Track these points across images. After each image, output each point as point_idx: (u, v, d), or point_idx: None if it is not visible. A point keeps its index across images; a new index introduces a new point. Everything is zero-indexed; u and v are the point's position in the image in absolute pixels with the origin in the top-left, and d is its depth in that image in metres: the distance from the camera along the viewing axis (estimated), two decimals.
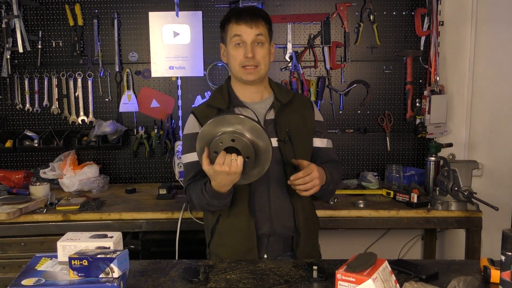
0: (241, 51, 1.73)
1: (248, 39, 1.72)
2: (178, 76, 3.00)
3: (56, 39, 2.96)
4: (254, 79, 1.76)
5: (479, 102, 3.04)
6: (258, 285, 1.42)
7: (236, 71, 1.77)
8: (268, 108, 1.81)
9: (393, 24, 2.99)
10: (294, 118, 1.82)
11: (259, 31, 1.73)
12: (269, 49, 1.79)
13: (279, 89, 1.87)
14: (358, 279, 1.20)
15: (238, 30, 1.72)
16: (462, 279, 1.32)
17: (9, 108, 3.00)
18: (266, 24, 1.77)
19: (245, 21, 1.72)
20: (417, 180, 2.86)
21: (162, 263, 1.60)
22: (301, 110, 1.86)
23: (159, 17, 2.94)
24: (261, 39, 1.73)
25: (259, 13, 1.76)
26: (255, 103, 1.82)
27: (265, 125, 1.76)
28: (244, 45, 1.73)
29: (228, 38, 1.76)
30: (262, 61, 1.75)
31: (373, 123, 3.07)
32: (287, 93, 1.86)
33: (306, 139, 1.85)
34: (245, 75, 1.75)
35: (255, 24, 1.72)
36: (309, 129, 1.86)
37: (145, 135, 3.00)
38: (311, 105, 1.91)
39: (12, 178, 2.75)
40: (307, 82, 2.98)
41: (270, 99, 1.84)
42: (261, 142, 1.54)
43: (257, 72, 1.75)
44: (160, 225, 2.42)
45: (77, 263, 1.29)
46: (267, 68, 1.79)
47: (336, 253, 2.24)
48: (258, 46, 1.74)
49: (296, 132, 1.80)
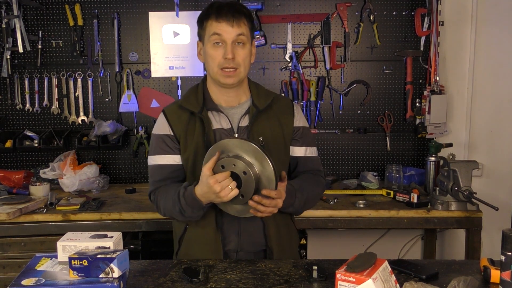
0: (220, 51, 1.59)
1: (229, 39, 1.58)
2: (178, 76, 3.00)
3: (56, 39, 2.96)
4: (233, 82, 1.63)
5: (479, 102, 3.04)
6: (258, 285, 1.42)
7: (213, 72, 1.63)
8: (243, 114, 1.68)
9: (393, 24, 2.99)
10: (270, 125, 1.69)
11: (241, 30, 1.59)
12: (250, 50, 1.65)
13: (258, 92, 1.73)
14: (358, 279, 1.20)
15: (218, 28, 1.58)
16: (462, 279, 1.32)
17: (9, 108, 3.00)
18: (249, 23, 1.63)
19: (226, 19, 1.57)
20: (417, 180, 2.86)
21: (162, 263, 1.59)
22: (279, 115, 1.72)
23: (159, 17, 2.94)
24: (242, 39, 1.60)
25: (241, 10, 1.61)
26: (231, 108, 1.69)
27: (238, 133, 1.66)
28: (223, 44, 1.59)
29: (207, 36, 1.61)
30: (242, 63, 1.61)
31: (373, 123, 3.07)
32: (266, 97, 1.72)
33: (281, 148, 1.70)
34: (223, 78, 1.61)
35: (236, 23, 1.58)
36: (286, 137, 1.72)
37: (145, 135, 3.00)
38: (291, 109, 1.76)
39: (12, 178, 2.75)
40: (307, 82, 2.98)
41: (247, 103, 1.71)
42: (264, 191, 1.47)
43: (236, 75, 1.61)
44: (160, 225, 2.41)
45: (77, 263, 1.29)
46: (247, 71, 1.67)
47: (336, 253, 2.24)
48: (239, 46, 1.60)
49: (271, 141, 1.66)
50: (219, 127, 1.66)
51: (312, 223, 2.44)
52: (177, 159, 1.69)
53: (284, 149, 1.72)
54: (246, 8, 1.66)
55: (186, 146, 1.67)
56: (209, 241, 1.66)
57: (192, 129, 1.67)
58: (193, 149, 1.65)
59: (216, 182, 1.44)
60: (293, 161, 1.76)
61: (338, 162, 3.09)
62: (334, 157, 3.08)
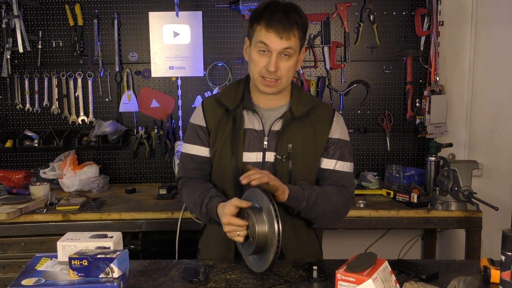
0: (264, 59, 1.54)
1: (275, 50, 1.52)
2: (178, 76, 3.00)
3: (56, 39, 2.96)
4: (271, 92, 1.60)
5: (479, 102, 3.04)
6: (258, 285, 1.42)
7: (254, 78, 1.60)
8: (278, 117, 1.64)
9: (393, 24, 2.99)
10: (303, 132, 1.64)
11: (289, 44, 1.52)
12: (297, 60, 1.59)
13: (298, 98, 1.67)
14: (358, 279, 1.20)
15: (265, 38, 1.52)
16: (462, 279, 1.32)
17: (9, 108, 3.00)
18: (300, 33, 1.55)
19: (276, 29, 1.50)
20: (417, 180, 2.86)
21: (162, 263, 1.60)
22: (315, 124, 1.66)
23: (159, 17, 2.94)
24: (289, 52, 1.54)
25: (294, 20, 1.53)
26: (268, 110, 1.66)
27: (268, 136, 1.63)
28: (269, 54, 1.53)
29: (254, 40, 1.56)
30: (285, 74, 1.56)
31: (373, 123, 3.07)
32: (305, 104, 1.66)
33: (311, 157, 1.65)
34: (262, 86, 1.58)
35: (286, 35, 1.51)
36: (319, 147, 1.65)
37: (145, 135, 3.00)
38: (330, 119, 1.68)
39: (12, 178, 2.75)
40: (307, 82, 2.98)
41: (285, 107, 1.67)
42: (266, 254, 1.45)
43: (276, 86, 1.58)
44: (160, 225, 2.42)
45: (77, 263, 1.29)
46: (290, 80, 1.62)
47: (336, 253, 2.24)
48: (284, 58, 1.54)
49: (300, 149, 1.62)
50: (250, 127, 1.65)
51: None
52: (206, 151, 1.70)
53: (314, 159, 1.66)
54: (301, 15, 1.57)
55: (215, 140, 1.67)
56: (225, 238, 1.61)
57: (224, 124, 1.66)
58: (221, 144, 1.65)
59: (228, 223, 1.46)
60: (321, 172, 1.68)
61: None
62: None
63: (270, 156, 1.62)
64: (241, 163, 1.61)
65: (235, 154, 1.61)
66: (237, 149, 1.62)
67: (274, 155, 1.62)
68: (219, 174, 1.67)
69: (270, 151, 1.63)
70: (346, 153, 1.70)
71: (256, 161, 1.63)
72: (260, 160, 1.63)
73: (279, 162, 1.61)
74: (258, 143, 1.64)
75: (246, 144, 1.63)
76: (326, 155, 1.67)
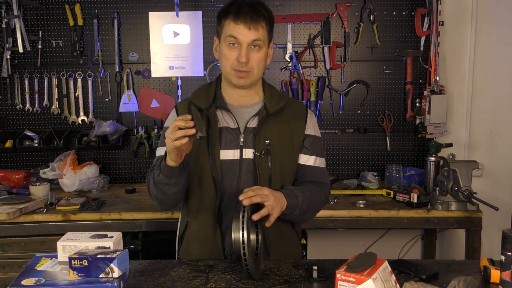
0: (234, 52, 1.57)
1: (244, 42, 1.56)
2: (178, 76, 3.00)
3: (56, 39, 2.96)
4: (244, 83, 1.62)
5: (479, 102, 3.04)
6: (258, 285, 1.42)
7: (226, 72, 1.62)
8: (253, 115, 1.66)
9: (393, 24, 2.99)
10: (279, 128, 1.66)
11: (258, 35, 1.56)
12: (267, 53, 1.63)
13: (271, 94, 1.70)
14: (358, 279, 1.20)
15: (234, 31, 1.55)
16: (462, 279, 1.32)
17: (9, 108, 3.00)
18: (267, 26, 1.60)
19: (244, 22, 1.54)
20: (417, 180, 2.86)
21: (162, 263, 1.60)
22: (291, 120, 1.69)
23: (159, 17, 2.94)
24: (258, 43, 1.57)
25: (261, 12, 1.58)
26: (242, 107, 1.68)
27: (245, 133, 1.64)
28: (238, 46, 1.57)
29: (223, 35, 1.59)
30: (256, 66, 1.60)
31: (373, 123, 3.07)
32: (278, 100, 1.69)
33: (289, 153, 1.67)
34: (235, 79, 1.61)
35: (254, 26, 1.55)
36: (295, 143, 1.68)
37: (145, 135, 3.00)
38: (304, 116, 1.73)
39: (12, 178, 2.74)
40: (307, 82, 2.98)
41: (259, 104, 1.69)
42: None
43: (249, 78, 1.61)
44: (160, 225, 2.42)
45: (77, 263, 1.29)
46: (261, 73, 1.65)
47: (336, 253, 2.24)
48: (254, 49, 1.58)
49: (277, 145, 1.64)
50: (225, 126, 1.66)
51: (312, 223, 2.44)
52: None
53: (291, 155, 1.69)
54: (266, 9, 1.61)
55: None
56: (209, 239, 1.66)
57: None
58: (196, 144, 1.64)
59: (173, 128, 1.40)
60: (300, 169, 1.71)
61: (338, 162, 3.09)
62: (334, 157, 3.08)
63: (247, 153, 1.64)
64: (218, 162, 1.62)
65: (212, 152, 1.62)
66: (213, 148, 1.62)
67: (252, 152, 1.63)
68: (196, 174, 1.65)
69: (247, 148, 1.64)
70: (320, 150, 1.75)
71: (233, 158, 1.64)
72: (237, 157, 1.64)
73: (258, 159, 1.62)
74: (234, 141, 1.65)
75: (222, 142, 1.64)
76: (305, 152, 1.71)
